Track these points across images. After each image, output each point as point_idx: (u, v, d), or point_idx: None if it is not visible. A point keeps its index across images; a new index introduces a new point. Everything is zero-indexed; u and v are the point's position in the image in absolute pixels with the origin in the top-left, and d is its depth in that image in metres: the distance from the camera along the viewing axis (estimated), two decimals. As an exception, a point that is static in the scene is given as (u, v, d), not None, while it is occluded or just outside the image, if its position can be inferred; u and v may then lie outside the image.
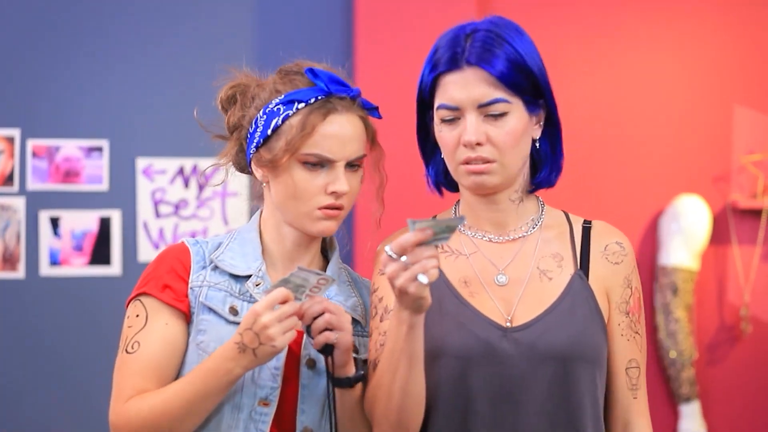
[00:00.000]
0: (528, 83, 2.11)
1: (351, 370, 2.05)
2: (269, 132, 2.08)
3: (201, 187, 4.40)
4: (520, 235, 2.15)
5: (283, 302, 1.94)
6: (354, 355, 2.10)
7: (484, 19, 2.16)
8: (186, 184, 4.38)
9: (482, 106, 2.07)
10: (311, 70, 2.10)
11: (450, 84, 2.11)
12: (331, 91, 2.09)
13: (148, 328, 2.06)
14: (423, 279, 1.84)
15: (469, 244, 2.16)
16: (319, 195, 2.08)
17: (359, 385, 2.08)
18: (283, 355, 2.04)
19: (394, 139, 4.39)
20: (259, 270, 2.12)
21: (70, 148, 4.36)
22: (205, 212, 4.40)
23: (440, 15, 4.44)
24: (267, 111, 2.09)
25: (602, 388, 2.11)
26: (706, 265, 4.72)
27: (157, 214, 4.39)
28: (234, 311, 2.07)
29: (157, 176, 4.38)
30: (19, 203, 4.32)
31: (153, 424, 1.99)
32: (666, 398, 4.70)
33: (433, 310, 2.02)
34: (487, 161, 2.07)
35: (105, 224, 4.36)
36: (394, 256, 1.86)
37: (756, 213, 4.71)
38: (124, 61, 4.39)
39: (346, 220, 2.29)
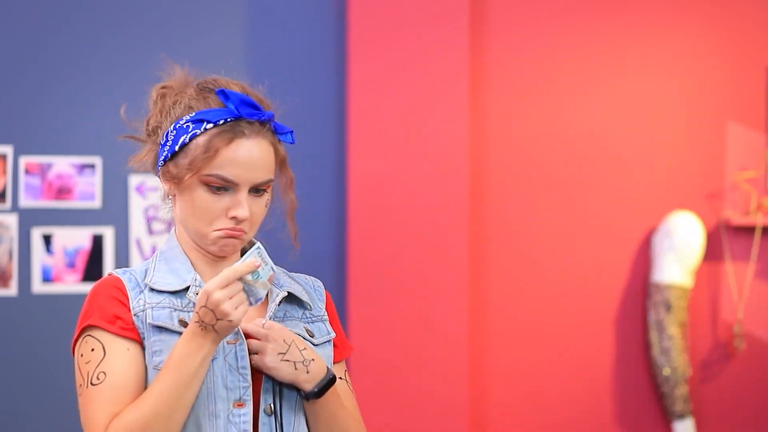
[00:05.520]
0: None
1: (307, 387, 2.07)
2: (177, 148, 2.07)
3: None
4: None
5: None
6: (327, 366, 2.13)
7: None
8: (179, 201, 4.37)
9: None
10: (222, 92, 2.07)
11: None
12: (241, 114, 2.06)
13: (110, 357, 2.02)
14: None
15: None
16: (219, 218, 2.06)
17: (327, 402, 2.10)
18: (245, 354, 2.05)
19: (386, 148, 4.41)
20: (195, 279, 2.10)
21: (62, 165, 4.35)
22: (198, 229, 4.39)
23: (433, 31, 4.44)
24: (177, 127, 2.08)
25: None
26: (700, 282, 4.72)
27: (150, 231, 4.38)
28: (183, 323, 2.04)
29: (150, 193, 4.37)
30: (12, 220, 4.31)
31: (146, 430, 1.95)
32: (659, 415, 4.69)
33: None
34: None
35: (98, 241, 4.35)
36: None
37: (749, 230, 4.72)
38: (117, 78, 4.39)
39: (338, 226, 2.30)
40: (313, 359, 2.07)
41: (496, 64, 4.60)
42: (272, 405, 2.06)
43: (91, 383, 2.00)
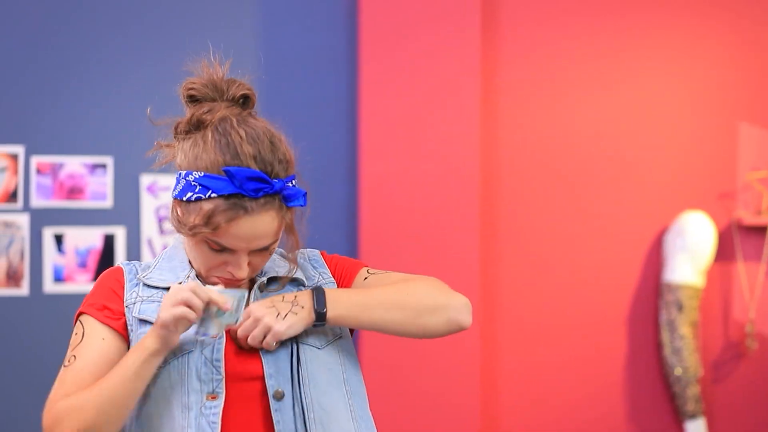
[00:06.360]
0: None
1: (311, 309, 2.08)
2: (183, 198, 2.05)
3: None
4: None
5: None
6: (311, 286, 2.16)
7: None
8: (190, 200, 4.38)
9: None
10: (228, 171, 2.00)
11: None
12: (246, 193, 2.00)
13: (84, 342, 2.10)
14: None
15: None
16: (218, 269, 2.08)
17: (339, 303, 2.10)
18: (222, 346, 2.06)
19: (397, 147, 4.41)
20: (188, 277, 2.13)
21: (74, 164, 4.35)
22: (210, 229, 4.40)
23: (444, 31, 4.44)
24: (186, 177, 2.06)
25: None
26: (712, 282, 4.71)
27: (161, 231, 4.39)
28: None
29: (162, 193, 4.38)
30: (23, 220, 4.32)
31: (77, 415, 1.99)
32: (671, 415, 4.69)
33: None
34: None
35: (109, 241, 4.36)
36: None
37: (761, 230, 4.71)
38: (128, 77, 4.39)
39: (349, 227, 2.31)
40: (295, 296, 2.09)
41: (508, 64, 4.59)
42: (282, 390, 2.06)
43: (64, 365, 2.10)
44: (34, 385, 4.33)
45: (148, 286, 2.14)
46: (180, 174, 2.08)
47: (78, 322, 2.15)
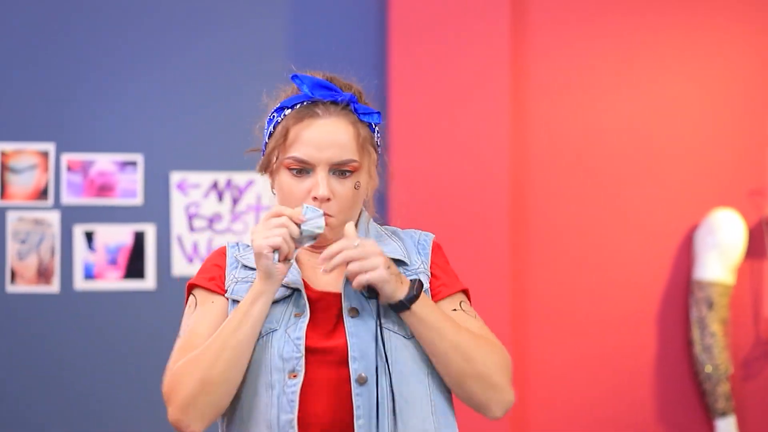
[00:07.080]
0: None
1: (401, 295, 2.06)
2: (267, 139, 2.16)
3: (235, 201, 4.41)
4: None
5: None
6: (412, 277, 2.14)
7: None
8: (220, 197, 4.39)
9: None
10: (296, 76, 2.14)
11: None
12: (315, 96, 2.12)
13: (198, 311, 2.14)
14: None
15: None
16: (304, 200, 2.11)
17: (426, 307, 2.09)
18: (304, 324, 2.07)
19: (427, 143, 4.41)
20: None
21: (104, 162, 4.37)
22: (239, 226, 4.41)
23: (474, 27, 4.44)
24: (267, 120, 2.18)
25: None
26: (742, 279, 4.69)
27: (192, 228, 4.40)
28: None
29: (192, 190, 4.38)
30: (54, 217, 4.34)
31: (195, 366, 2.02)
32: (702, 413, 4.67)
33: None
34: None
35: (139, 238, 4.37)
36: None
37: (792, 226, 4.70)
38: (158, 75, 4.40)
39: (378, 215, 2.34)
40: (400, 274, 2.09)
41: (537, 60, 4.58)
42: (366, 375, 2.05)
43: (179, 335, 2.13)
44: (64, 382, 4.35)
45: (245, 266, 2.18)
46: (264, 130, 2.18)
47: (190, 295, 2.19)
